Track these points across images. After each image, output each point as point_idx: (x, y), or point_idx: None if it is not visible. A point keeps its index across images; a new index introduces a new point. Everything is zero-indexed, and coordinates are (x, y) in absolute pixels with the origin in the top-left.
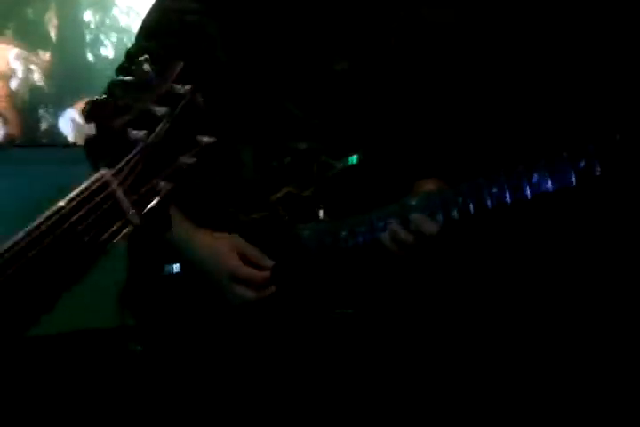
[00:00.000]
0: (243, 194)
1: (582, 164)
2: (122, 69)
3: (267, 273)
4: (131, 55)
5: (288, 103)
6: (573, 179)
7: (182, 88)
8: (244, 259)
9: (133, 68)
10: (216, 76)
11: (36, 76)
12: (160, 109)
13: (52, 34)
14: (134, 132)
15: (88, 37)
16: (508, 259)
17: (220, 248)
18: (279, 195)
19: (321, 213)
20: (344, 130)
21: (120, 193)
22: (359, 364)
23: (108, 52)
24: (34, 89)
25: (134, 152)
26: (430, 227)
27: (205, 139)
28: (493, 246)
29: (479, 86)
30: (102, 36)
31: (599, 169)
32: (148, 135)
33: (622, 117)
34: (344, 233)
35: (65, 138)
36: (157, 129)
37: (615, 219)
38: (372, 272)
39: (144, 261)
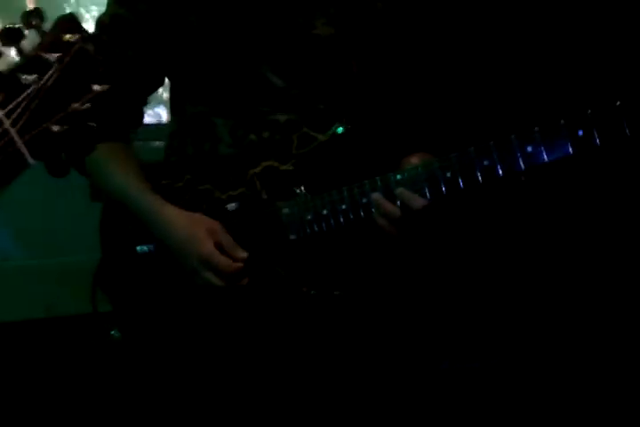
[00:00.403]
0: (219, 170)
1: (580, 132)
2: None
3: (239, 265)
4: (101, 23)
5: (267, 72)
6: (571, 149)
7: (73, 37)
8: (220, 247)
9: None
10: (189, 42)
11: (13, 52)
12: (51, 56)
13: (30, 8)
14: (24, 76)
15: (68, 11)
16: (502, 235)
17: (197, 233)
18: (257, 170)
19: (302, 188)
20: (327, 100)
21: (13, 131)
22: (344, 347)
23: (88, 26)
24: (10, 64)
25: (25, 94)
26: (417, 202)
27: (97, 87)
28: (485, 221)
29: (470, 53)
30: (82, 10)
31: (599, 138)
32: (38, 79)
33: (623, 84)
34: (325, 211)
35: None
36: (48, 74)
37: (617, 191)
38: (357, 253)
39: (117, 241)
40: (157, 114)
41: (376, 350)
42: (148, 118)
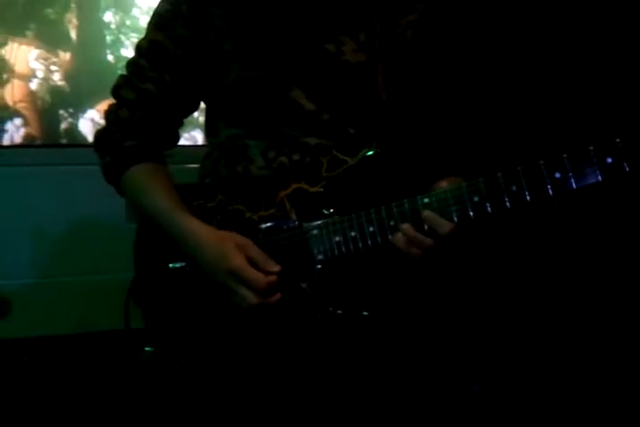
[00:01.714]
0: (250, 191)
1: (609, 159)
2: (131, 64)
3: (272, 278)
4: (140, 48)
5: (299, 96)
6: (599, 176)
7: None
8: (251, 261)
9: None
10: (223, 67)
11: (57, 77)
12: None
13: (73, 34)
14: None
15: (108, 38)
16: (527, 258)
17: (227, 248)
18: (287, 192)
19: (330, 210)
20: (357, 125)
21: None
22: (372, 368)
23: (128, 52)
24: (54, 89)
25: None
26: (444, 226)
27: None
28: (512, 245)
29: (500, 80)
30: (123, 37)
31: (628, 167)
32: None
33: None
34: (353, 233)
35: (85, 138)
36: None
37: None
38: (385, 274)
39: (150, 259)
40: (193, 137)
41: (405, 372)
42: (185, 141)
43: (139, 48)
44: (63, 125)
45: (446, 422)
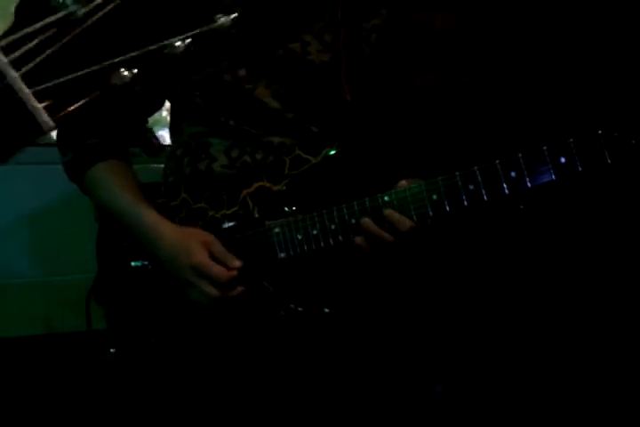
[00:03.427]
0: (213, 189)
1: (563, 159)
2: None
3: (234, 273)
4: None
5: (264, 94)
6: (553, 176)
7: None
8: (213, 256)
9: None
10: (187, 64)
11: None
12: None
13: None
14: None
15: None
16: (489, 254)
17: (189, 243)
18: (250, 190)
19: (293, 208)
20: (321, 124)
21: (23, 88)
22: (334, 366)
23: None
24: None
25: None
26: (404, 224)
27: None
28: (472, 242)
29: (459, 81)
30: None
31: (580, 166)
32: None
33: (605, 113)
34: (315, 231)
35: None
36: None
37: (599, 213)
38: (347, 272)
39: (112, 257)
40: (161, 136)
41: (367, 371)
42: None
43: None
44: None
45: (409, 422)
